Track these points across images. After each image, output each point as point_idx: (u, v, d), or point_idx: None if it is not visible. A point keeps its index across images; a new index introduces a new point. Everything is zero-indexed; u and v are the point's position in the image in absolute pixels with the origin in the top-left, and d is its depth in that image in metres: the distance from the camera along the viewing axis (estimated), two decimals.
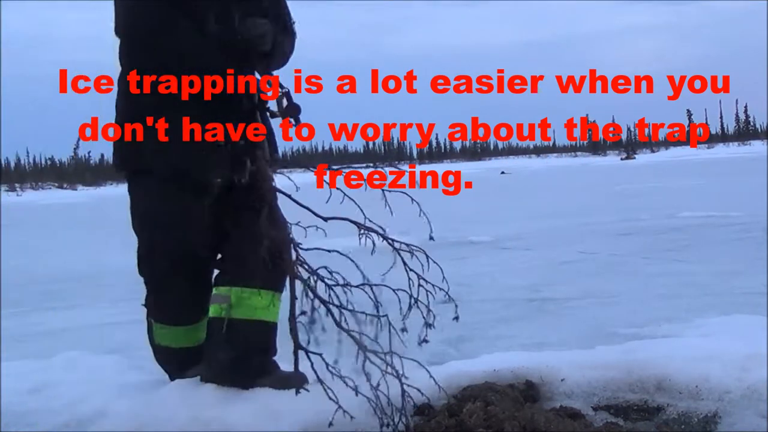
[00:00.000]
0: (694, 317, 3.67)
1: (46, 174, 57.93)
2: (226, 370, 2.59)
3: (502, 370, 2.66)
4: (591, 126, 68.24)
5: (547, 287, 4.86)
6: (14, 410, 2.63)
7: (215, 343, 2.63)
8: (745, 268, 5.05)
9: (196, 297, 2.77)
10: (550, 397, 2.56)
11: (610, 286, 4.80)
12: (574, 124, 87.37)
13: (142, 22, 2.63)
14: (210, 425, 2.39)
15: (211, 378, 2.61)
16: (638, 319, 3.77)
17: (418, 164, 62.83)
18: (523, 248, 7.01)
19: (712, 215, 8.68)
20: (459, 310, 2.55)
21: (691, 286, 4.62)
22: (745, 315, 3.55)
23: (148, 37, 2.63)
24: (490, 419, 2.29)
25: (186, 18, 2.61)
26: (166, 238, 2.72)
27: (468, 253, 6.83)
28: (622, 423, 2.41)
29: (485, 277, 5.42)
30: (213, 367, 2.62)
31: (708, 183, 16.61)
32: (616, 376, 2.58)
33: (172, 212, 2.69)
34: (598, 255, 6.26)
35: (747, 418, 2.33)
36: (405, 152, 73.78)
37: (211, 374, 2.62)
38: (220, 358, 2.61)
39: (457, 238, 7.95)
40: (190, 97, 2.66)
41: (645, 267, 5.50)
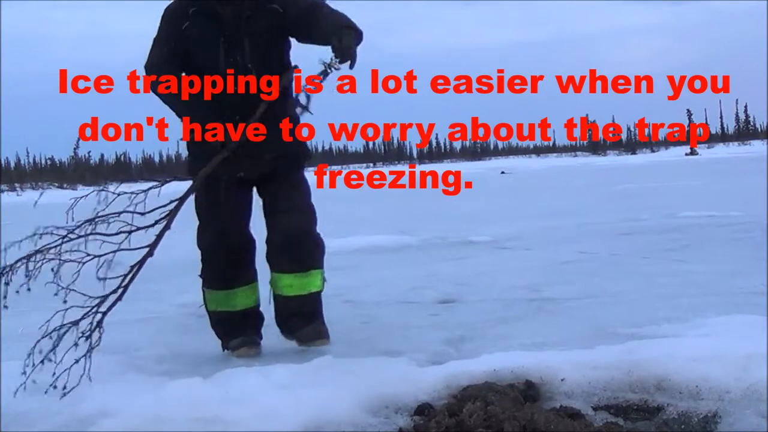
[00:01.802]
0: (694, 317, 3.67)
1: (46, 174, 57.91)
2: (281, 325, 3.62)
3: (502, 370, 2.66)
4: (591, 126, 68.13)
5: (547, 287, 4.86)
6: (14, 410, 2.63)
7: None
8: (745, 268, 5.04)
9: (228, 268, 3.57)
10: (550, 397, 2.57)
11: (610, 286, 4.80)
12: (574, 124, 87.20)
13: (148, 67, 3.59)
14: (210, 425, 2.39)
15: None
16: (638, 319, 3.76)
17: (418, 164, 62.83)
18: (523, 248, 7.01)
19: (712, 215, 8.68)
20: (459, 310, 2.55)
21: (691, 286, 4.61)
22: (745, 315, 3.54)
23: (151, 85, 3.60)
24: (490, 419, 2.29)
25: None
26: (208, 222, 3.56)
27: (468, 253, 6.83)
28: (622, 423, 2.42)
29: (485, 277, 5.41)
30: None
31: (708, 183, 16.61)
32: (616, 376, 2.58)
33: (212, 203, 3.49)
34: (598, 255, 6.26)
35: (747, 418, 2.33)
36: (405, 152, 73.74)
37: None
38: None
39: (457, 238, 7.96)
40: (218, 105, 3.46)
41: (645, 267, 5.50)
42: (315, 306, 3.61)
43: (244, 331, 3.61)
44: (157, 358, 3.56)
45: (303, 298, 3.56)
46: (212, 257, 3.58)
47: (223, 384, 2.68)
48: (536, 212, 11.05)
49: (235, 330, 3.62)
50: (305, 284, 3.56)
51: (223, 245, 3.55)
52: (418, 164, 62.75)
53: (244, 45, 3.46)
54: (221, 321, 3.65)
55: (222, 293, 3.61)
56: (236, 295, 3.61)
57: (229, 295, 3.60)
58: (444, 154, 71.93)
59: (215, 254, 3.57)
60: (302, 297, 3.56)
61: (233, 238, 3.57)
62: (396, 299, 4.82)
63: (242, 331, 3.61)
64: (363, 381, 2.63)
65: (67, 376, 2.74)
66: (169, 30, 3.52)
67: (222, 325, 3.65)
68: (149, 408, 2.50)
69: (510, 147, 74.37)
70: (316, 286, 3.60)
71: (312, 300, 3.59)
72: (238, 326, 3.62)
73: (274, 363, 3.10)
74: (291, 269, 3.54)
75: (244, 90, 3.46)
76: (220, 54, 3.46)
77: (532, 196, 16.18)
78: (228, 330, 3.63)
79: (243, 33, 3.46)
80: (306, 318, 3.58)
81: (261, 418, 2.41)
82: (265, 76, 3.46)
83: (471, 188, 21.13)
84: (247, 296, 3.63)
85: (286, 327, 3.64)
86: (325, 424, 2.37)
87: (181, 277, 3.91)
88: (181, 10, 3.50)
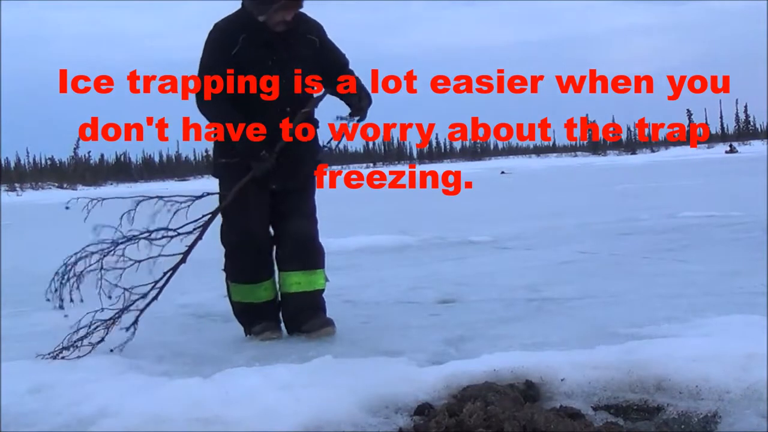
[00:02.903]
0: (694, 317, 3.67)
1: (46, 174, 57.89)
2: (289, 321, 3.96)
3: (502, 370, 2.66)
4: (591, 126, 68.12)
5: (547, 287, 4.86)
6: (14, 410, 2.63)
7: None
8: (745, 268, 5.04)
9: (254, 264, 3.91)
10: (550, 397, 2.57)
11: (610, 286, 4.80)
12: (574, 124, 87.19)
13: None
14: (210, 425, 2.39)
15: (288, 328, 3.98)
16: (638, 319, 3.76)
17: (418, 164, 62.81)
18: (523, 248, 7.01)
19: (712, 215, 8.68)
20: (459, 310, 2.55)
21: (691, 286, 4.61)
22: (745, 315, 3.54)
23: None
24: (490, 419, 2.29)
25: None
26: (237, 222, 3.85)
27: (468, 253, 6.83)
28: (622, 423, 2.42)
29: (485, 277, 5.41)
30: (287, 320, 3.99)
31: (708, 183, 16.61)
32: (616, 376, 2.58)
33: (241, 205, 3.79)
34: (598, 255, 6.26)
35: (747, 418, 2.33)
36: (405, 152, 73.67)
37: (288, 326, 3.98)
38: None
39: (457, 238, 7.96)
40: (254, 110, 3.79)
41: (645, 267, 5.50)
42: (320, 301, 3.97)
43: (266, 317, 3.95)
44: (157, 358, 3.56)
45: (309, 294, 3.92)
46: (240, 255, 3.90)
47: (223, 384, 2.68)
48: (536, 212, 11.04)
49: (258, 317, 3.95)
50: (312, 282, 3.93)
51: (252, 245, 3.89)
52: (418, 164, 62.76)
53: (291, 68, 3.83)
54: (245, 311, 3.98)
55: (247, 286, 3.94)
56: (260, 288, 3.94)
57: (253, 288, 3.94)
58: (444, 154, 71.95)
59: (244, 252, 3.89)
60: (308, 293, 3.92)
61: (261, 239, 3.92)
62: (396, 299, 4.82)
63: (264, 317, 3.95)
64: (363, 381, 2.63)
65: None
66: (221, 52, 3.79)
67: (245, 315, 3.98)
68: (149, 408, 2.50)
69: (510, 147, 74.42)
70: (321, 284, 3.98)
71: (317, 295, 3.96)
72: (260, 314, 3.95)
73: (274, 363, 3.10)
74: (300, 268, 3.91)
75: (289, 109, 3.84)
76: (269, 76, 3.79)
77: (532, 196, 16.18)
78: (251, 318, 3.96)
79: (291, 58, 3.83)
80: (312, 311, 3.91)
81: (261, 418, 2.41)
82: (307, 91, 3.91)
83: (471, 188, 21.14)
84: (270, 289, 3.98)
85: (294, 322, 3.94)
86: (325, 424, 2.36)
87: (181, 278, 3.91)
88: (231, 33, 3.79)
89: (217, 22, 3.87)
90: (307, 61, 3.88)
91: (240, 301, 3.99)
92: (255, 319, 3.96)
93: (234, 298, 4.01)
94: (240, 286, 3.96)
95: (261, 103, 3.79)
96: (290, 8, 3.76)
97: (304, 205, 3.98)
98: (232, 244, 3.92)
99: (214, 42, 3.82)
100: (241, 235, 3.88)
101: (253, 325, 3.95)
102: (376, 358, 3.08)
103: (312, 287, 3.93)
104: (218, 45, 3.80)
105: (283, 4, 3.72)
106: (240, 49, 3.75)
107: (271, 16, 3.74)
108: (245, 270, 3.94)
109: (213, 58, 3.80)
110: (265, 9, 3.74)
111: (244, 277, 3.94)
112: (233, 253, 3.94)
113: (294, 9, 3.78)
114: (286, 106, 3.83)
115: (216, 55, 3.80)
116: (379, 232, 8.55)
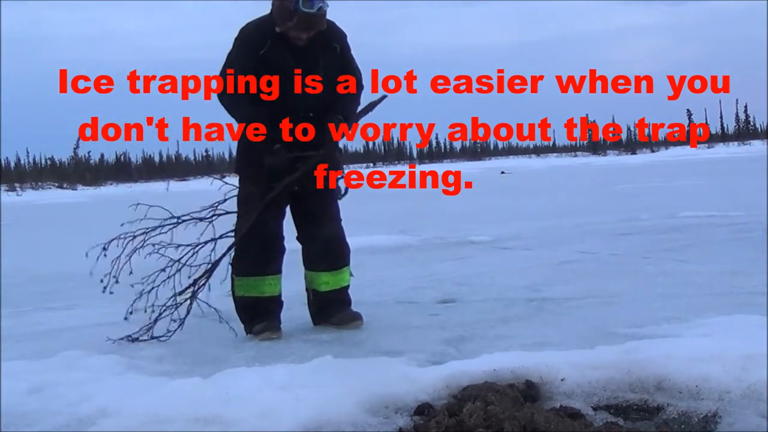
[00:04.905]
0: (694, 317, 3.67)
1: (46, 174, 57.86)
2: (317, 313, 4.15)
3: (502, 370, 2.66)
4: (591, 126, 68.06)
5: (547, 287, 4.86)
6: (14, 410, 2.63)
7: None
8: (745, 268, 5.04)
9: (262, 257, 4.02)
10: (550, 397, 2.57)
11: (610, 285, 4.80)
12: (574, 124, 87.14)
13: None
14: (210, 425, 2.39)
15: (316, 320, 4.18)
16: (638, 319, 3.76)
17: (418, 164, 62.79)
18: (523, 248, 7.01)
19: (712, 215, 8.68)
20: (459, 310, 2.56)
21: (691, 286, 4.61)
22: (745, 315, 3.54)
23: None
24: (490, 419, 2.29)
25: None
26: (247, 212, 3.98)
27: (468, 253, 6.83)
28: (622, 423, 2.42)
29: (485, 277, 5.41)
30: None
31: (708, 183, 16.61)
32: (616, 376, 2.58)
33: (257, 199, 3.95)
34: (598, 255, 6.26)
35: (747, 418, 2.33)
36: (405, 152, 73.63)
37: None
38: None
39: (457, 238, 7.96)
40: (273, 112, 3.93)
41: (645, 267, 5.50)
42: (347, 296, 4.18)
43: (266, 317, 4.00)
44: (156, 358, 3.57)
45: (337, 290, 4.13)
46: (249, 246, 3.99)
47: (223, 384, 2.68)
48: (536, 212, 11.04)
49: (259, 315, 4.00)
50: (338, 280, 4.14)
51: (261, 233, 3.98)
52: (418, 164, 62.73)
53: (317, 73, 3.96)
54: (247, 306, 4.04)
55: (253, 279, 4.03)
56: (265, 282, 4.04)
57: (258, 281, 4.03)
58: (444, 154, 71.90)
59: (253, 241, 3.98)
60: (336, 290, 4.13)
61: (272, 229, 4.03)
62: (396, 299, 4.82)
63: (265, 316, 4.00)
64: (363, 381, 2.63)
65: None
66: (247, 53, 3.93)
67: (247, 311, 4.04)
68: (149, 408, 2.50)
69: (510, 147, 74.37)
70: (347, 281, 4.18)
71: (344, 291, 4.17)
72: (262, 311, 4.02)
73: (274, 363, 3.10)
74: (328, 269, 4.11)
75: (312, 114, 3.99)
76: (295, 81, 3.93)
77: (532, 196, 16.17)
78: (253, 315, 4.01)
79: (316, 64, 3.96)
80: (341, 305, 4.12)
81: (261, 418, 2.41)
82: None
83: (471, 188, 21.14)
84: (275, 284, 4.07)
85: (323, 315, 4.13)
86: (324, 424, 2.36)
87: (181, 278, 3.91)
88: (260, 37, 3.92)
89: (245, 25, 4.01)
90: (328, 69, 4.00)
91: (243, 296, 4.04)
92: (256, 317, 4.00)
93: (238, 293, 4.07)
94: (245, 279, 4.03)
95: (284, 107, 3.93)
96: (303, 31, 3.87)
97: (330, 208, 4.15)
98: (243, 235, 3.99)
99: (243, 42, 3.96)
100: (253, 226, 3.95)
101: (254, 323, 3.99)
102: (376, 358, 3.08)
103: (339, 285, 4.14)
104: (246, 46, 3.94)
105: (295, 25, 3.84)
106: (267, 51, 3.89)
107: (288, 31, 3.88)
108: (252, 262, 4.02)
109: (243, 58, 3.93)
110: (281, 23, 3.88)
111: (250, 270, 4.02)
112: (242, 245, 4.01)
113: (308, 32, 3.88)
114: (309, 112, 3.98)
115: (244, 55, 3.93)
116: (379, 232, 8.56)
